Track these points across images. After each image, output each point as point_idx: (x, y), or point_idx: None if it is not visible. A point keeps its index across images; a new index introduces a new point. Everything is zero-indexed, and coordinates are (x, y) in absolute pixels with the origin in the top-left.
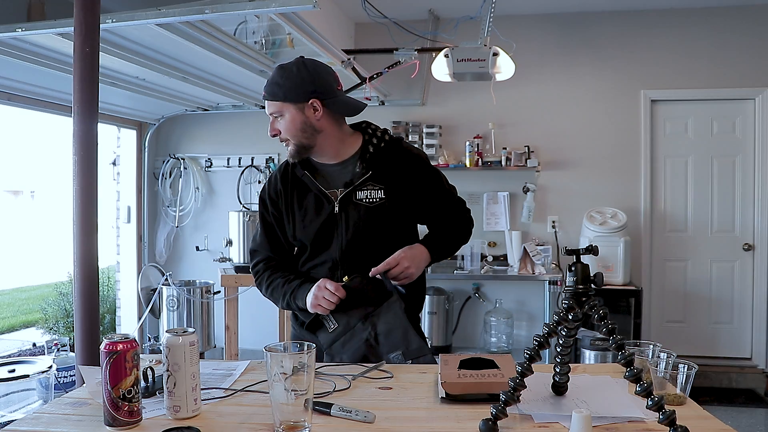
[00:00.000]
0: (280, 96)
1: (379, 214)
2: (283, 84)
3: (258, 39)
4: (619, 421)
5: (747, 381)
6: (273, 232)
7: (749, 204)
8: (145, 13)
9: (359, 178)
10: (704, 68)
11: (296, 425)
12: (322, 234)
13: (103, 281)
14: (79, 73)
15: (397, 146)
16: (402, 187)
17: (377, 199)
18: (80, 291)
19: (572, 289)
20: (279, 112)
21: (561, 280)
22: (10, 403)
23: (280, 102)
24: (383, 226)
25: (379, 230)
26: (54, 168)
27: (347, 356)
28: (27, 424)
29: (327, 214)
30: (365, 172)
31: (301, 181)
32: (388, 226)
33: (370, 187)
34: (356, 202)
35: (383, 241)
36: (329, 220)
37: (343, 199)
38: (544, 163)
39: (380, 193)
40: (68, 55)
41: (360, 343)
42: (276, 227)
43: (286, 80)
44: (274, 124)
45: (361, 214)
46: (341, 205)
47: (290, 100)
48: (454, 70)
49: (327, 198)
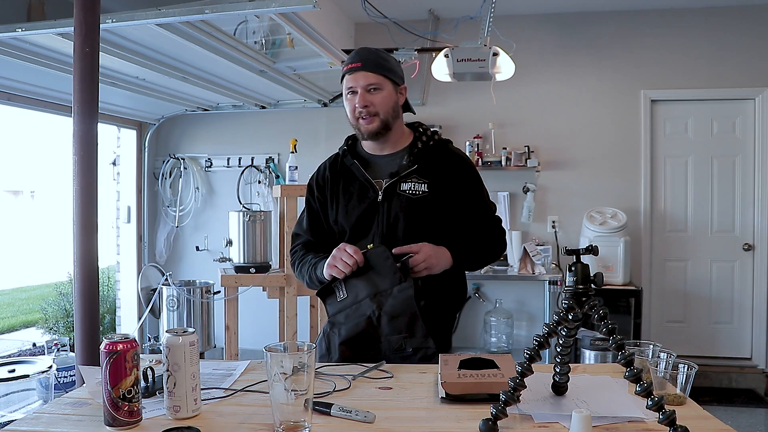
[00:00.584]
0: (384, 70)
1: (420, 207)
2: (387, 60)
3: (258, 39)
4: (619, 421)
5: (747, 381)
6: (316, 217)
7: (749, 204)
8: (145, 13)
9: (405, 169)
10: (704, 68)
11: (296, 425)
12: (363, 220)
13: (103, 281)
14: (79, 73)
15: (445, 146)
16: (445, 185)
17: (420, 191)
18: (80, 291)
19: (572, 289)
20: (378, 84)
21: (561, 280)
22: (10, 403)
23: (382, 76)
24: (423, 218)
25: (418, 221)
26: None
27: (346, 329)
28: (27, 424)
29: (370, 201)
30: (411, 164)
31: (350, 169)
32: (427, 219)
33: (415, 180)
34: (399, 192)
35: (421, 233)
36: (371, 208)
37: (387, 188)
38: (544, 163)
39: (423, 187)
40: (68, 55)
41: (362, 319)
42: (320, 212)
43: (387, 60)
44: (366, 96)
45: (402, 203)
46: (385, 195)
47: (391, 78)
48: (454, 70)
49: (372, 186)
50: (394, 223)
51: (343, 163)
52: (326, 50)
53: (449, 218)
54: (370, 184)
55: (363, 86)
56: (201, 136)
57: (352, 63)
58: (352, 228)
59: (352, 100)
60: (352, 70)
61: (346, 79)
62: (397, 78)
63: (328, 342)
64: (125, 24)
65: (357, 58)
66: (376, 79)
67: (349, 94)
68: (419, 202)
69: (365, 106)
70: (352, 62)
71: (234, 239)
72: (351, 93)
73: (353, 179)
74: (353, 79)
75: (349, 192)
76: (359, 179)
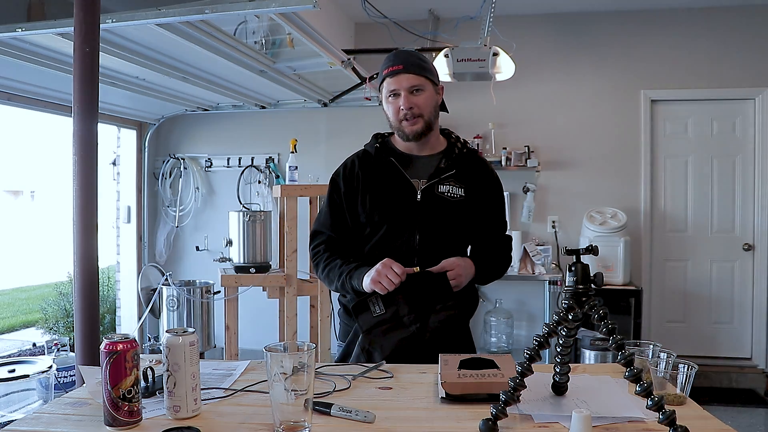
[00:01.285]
0: (425, 71)
1: (459, 210)
2: (426, 61)
3: (258, 39)
4: (619, 421)
5: (747, 381)
6: (341, 212)
7: (749, 204)
8: (145, 13)
9: (443, 172)
10: (704, 68)
11: (296, 425)
12: (401, 217)
13: (103, 281)
14: (79, 73)
15: (476, 155)
16: (479, 193)
17: (458, 195)
18: (80, 291)
19: (572, 289)
20: (421, 86)
21: (561, 280)
22: (10, 403)
23: (424, 77)
24: (461, 221)
25: (456, 224)
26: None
27: (388, 345)
28: (27, 424)
29: (408, 200)
30: (450, 168)
31: (384, 166)
32: (464, 223)
33: (452, 183)
34: (438, 194)
35: (458, 236)
36: (410, 206)
37: (426, 189)
38: (544, 163)
39: (461, 191)
40: (68, 55)
41: (405, 335)
42: (345, 208)
43: (426, 61)
44: (410, 98)
45: (442, 205)
46: (423, 195)
47: (431, 79)
48: (454, 70)
49: (410, 186)
50: (433, 223)
51: (378, 160)
52: (326, 50)
53: (480, 225)
54: (408, 183)
55: (406, 88)
56: (201, 136)
57: (393, 65)
58: (390, 224)
59: (395, 102)
60: (394, 73)
61: (387, 82)
62: (436, 78)
63: (369, 357)
64: (125, 24)
65: (398, 61)
66: (418, 80)
67: (391, 97)
68: (457, 206)
69: (410, 108)
70: (392, 65)
71: (234, 239)
72: (393, 95)
73: (389, 177)
74: (396, 81)
75: (384, 189)
76: (396, 177)
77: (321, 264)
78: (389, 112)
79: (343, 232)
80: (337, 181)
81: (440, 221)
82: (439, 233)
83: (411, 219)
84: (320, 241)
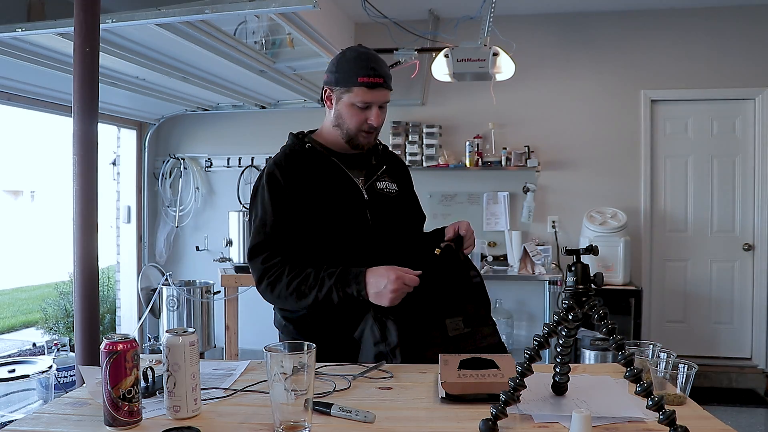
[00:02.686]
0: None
1: (398, 205)
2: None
3: (258, 39)
4: (619, 421)
5: (747, 381)
6: (288, 214)
7: (749, 204)
8: (145, 13)
9: (378, 169)
10: (704, 68)
11: (296, 425)
12: (352, 220)
13: (103, 281)
14: (79, 73)
15: (389, 149)
16: (405, 185)
17: (393, 190)
18: (80, 291)
19: (572, 289)
20: (388, 101)
21: (561, 280)
22: (10, 403)
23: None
24: (401, 216)
25: (400, 220)
26: (54, 168)
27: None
28: (27, 424)
29: (358, 199)
30: (381, 165)
31: (324, 165)
32: (405, 218)
33: (386, 179)
34: (379, 191)
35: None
36: (359, 206)
37: (368, 187)
38: (544, 163)
39: (394, 186)
40: (68, 55)
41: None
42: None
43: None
44: (381, 114)
45: (386, 202)
46: (368, 193)
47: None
48: (454, 70)
49: (354, 184)
50: (383, 220)
51: (315, 160)
52: (326, 50)
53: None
54: (352, 182)
55: (380, 103)
56: (201, 136)
57: (373, 77)
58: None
59: (362, 114)
60: (373, 85)
61: (361, 92)
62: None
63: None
64: (125, 24)
65: (377, 73)
66: (388, 96)
67: (359, 105)
68: (396, 201)
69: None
70: (372, 75)
71: (234, 239)
72: (363, 106)
73: (332, 176)
74: (373, 95)
75: (331, 189)
76: (339, 176)
77: (284, 278)
78: (350, 119)
79: (291, 242)
80: (279, 182)
81: (387, 217)
82: (389, 229)
83: (362, 218)
84: (271, 253)
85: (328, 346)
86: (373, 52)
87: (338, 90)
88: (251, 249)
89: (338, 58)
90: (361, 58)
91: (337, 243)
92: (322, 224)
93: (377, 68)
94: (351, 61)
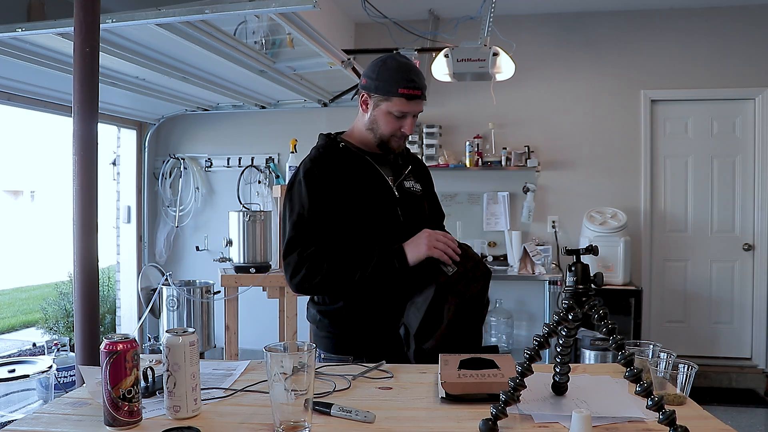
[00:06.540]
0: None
1: (424, 203)
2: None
3: (258, 39)
4: (619, 421)
5: (747, 381)
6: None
7: (749, 204)
8: (145, 13)
9: (404, 168)
10: (704, 68)
11: (296, 425)
12: (385, 216)
13: (103, 281)
14: (79, 73)
15: (411, 152)
16: (427, 185)
17: (419, 189)
18: (80, 291)
19: (572, 289)
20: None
21: (561, 280)
22: (10, 403)
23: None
24: (427, 213)
25: (427, 217)
26: (54, 168)
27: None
28: (27, 424)
29: (390, 197)
30: (406, 165)
31: (358, 164)
32: (430, 215)
33: (412, 179)
34: (407, 189)
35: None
36: (391, 204)
37: (398, 186)
38: (544, 163)
39: (419, 186)
40: (68, 55)
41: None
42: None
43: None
44: (414, 123)
45: (414, 200)
46: (398, 191)
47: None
48: (454, 70)
49: (387, 183)
50: (411, 218)
51: (350, 159)
52: (326, 50)
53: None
54: (384, 181)
55: (414, 113)
56: (201, 136)
57: (414, 89)
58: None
59: (398, 122)
60: (413, 97)
61: (400, 102)
62: None
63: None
64: (125, 24)
65: (416, 86)
66: (423, 106)
67: (395, 114)
68: (422, 199)
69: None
70: (413, 87)
71: (234, 239)
72: (400, 115)
73: (365, 174)
74: (411, 106)
75: (365, 187)
76: (373, 175)
77: (323, 264)
78: (385, 126)
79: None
80: (316, 179)
81: (416, 214)
82: (418, 226)
83: (393, 214)
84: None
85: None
86: (412, 64)
87: (376, 97)
88: (288, 242)
89: (379, 65)
90: (402, 69)
91: (370, 238)
92: (356, 219)
93: (417, 80)
94: (392, 71)
